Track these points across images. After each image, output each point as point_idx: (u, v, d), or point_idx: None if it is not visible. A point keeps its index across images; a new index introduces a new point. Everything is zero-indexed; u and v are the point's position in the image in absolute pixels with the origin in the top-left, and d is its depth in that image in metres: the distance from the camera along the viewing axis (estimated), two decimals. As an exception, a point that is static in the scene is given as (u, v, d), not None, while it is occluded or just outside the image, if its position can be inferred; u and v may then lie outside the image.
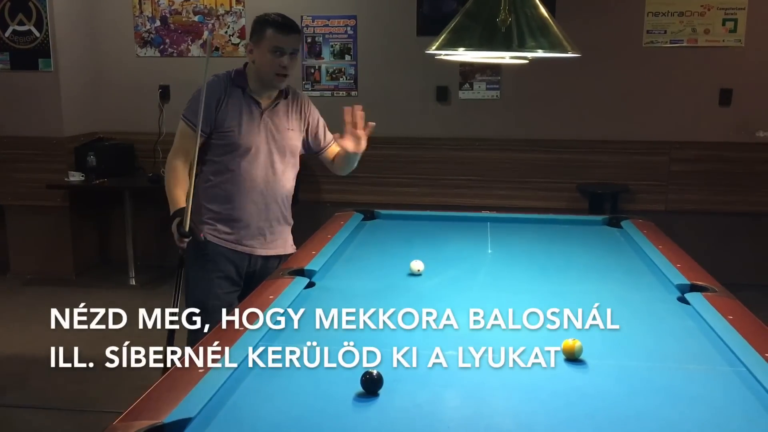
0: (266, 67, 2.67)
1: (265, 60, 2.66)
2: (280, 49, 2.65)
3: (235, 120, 2.69)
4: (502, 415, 1.59)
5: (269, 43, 2.65)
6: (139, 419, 1.42)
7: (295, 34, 2.70)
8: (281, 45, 2.65)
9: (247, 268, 2.81)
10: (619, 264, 2.82)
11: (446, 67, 4.96)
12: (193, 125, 2.66)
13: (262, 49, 2.66)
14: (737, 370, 1.78)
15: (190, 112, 2.69)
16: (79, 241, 5.48)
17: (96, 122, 5.56)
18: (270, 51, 2.65)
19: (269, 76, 2.68)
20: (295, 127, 2.83)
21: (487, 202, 5.02)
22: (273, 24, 2.67)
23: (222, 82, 2.73)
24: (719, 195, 5.18)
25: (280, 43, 2.65)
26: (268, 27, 2.66)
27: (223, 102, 2.69)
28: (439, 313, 2.22)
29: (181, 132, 2.74)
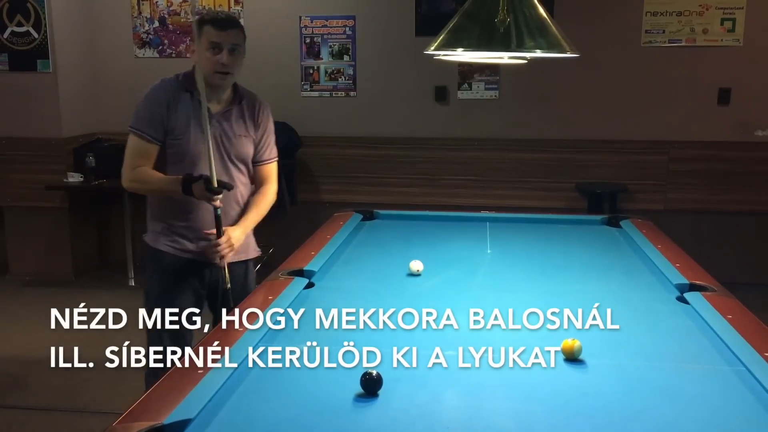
0: (206, 65, 2.51)
1: (204, 57, 2.51)
2: (217, 45, 2.51)
3: (184, 126, 2.54)
4: (501, 415, 1.59)
5: (206, 39, 2.52)
6: (139, 420, 1.42)
7: (234, 29, 2.56)
8: (218, 40, 2.51)
9: (211, 277, 2.66)
10: (618, 263, 2.82)
11: (445, 67, 4.97)
12: (147, 136, 2.52)
13: (201, 47, 2.53)
14: (736, 369, 1.79)
15: (140, 122, 2.53)
16: (78, 242, 5.48)
17: (95, 123, 5.55)
18: (208, 48, 2.51)
19: (209, 73, 2.52)
20: (247, 133, 2.67)
21: (486, 202, 5.02)
22: (209, 20, 2.56)
23: (169, 87, 2.57)
24: (718, 194, 5.18)
25: (216, 38, 2.51)
26: (205, 24, 2.55)
27: (172, 108, 2.54)
28: (439, 313, 2.22)
29: (133, 147, 2.55)
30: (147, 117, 2.53)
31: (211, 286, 2.69)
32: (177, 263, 2.62)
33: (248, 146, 2.68)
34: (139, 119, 2.54)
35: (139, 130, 2.53)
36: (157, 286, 2.63)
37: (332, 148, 5.44)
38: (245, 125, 2.66)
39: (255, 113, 2.69)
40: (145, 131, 2.53)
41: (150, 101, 2.54)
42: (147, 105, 2.54)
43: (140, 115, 2.54)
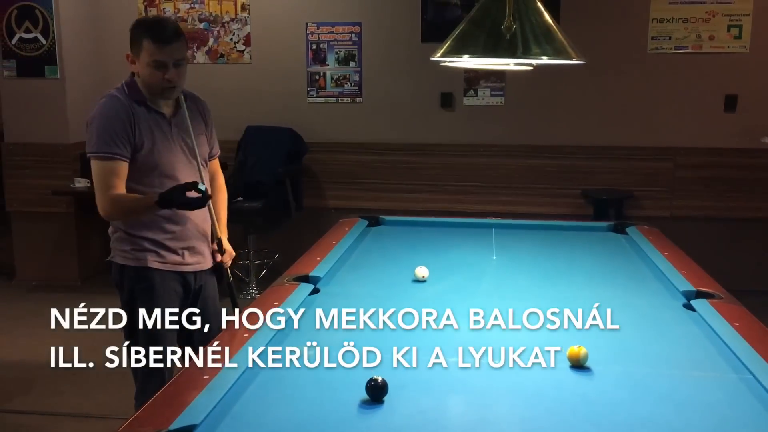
0: (150, 79, 2.37)
1: (146, 73, 2.36)
2: (161, 63, 2.34)
3: (149, 139, 2.40)
4: (507, 422, 1.59)
5: (148, 56, 2.34)
6: (144, 426, 1.42)
7: (176, 43, 2.36)
8: (162, 59, 2.34)
9: (195, 285, 2.58)
10: (624, 270, 2.82)
11: (451, 73, 4.97)
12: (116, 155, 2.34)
13: (141, 62, 2.36)
14: (743, 377, 1.78)
15: (104, 144, 2.33)
16: (85, 247, 5.49)
17: (102, 129, 5.56)
18: (149, 65, 2.34)
19: (157, 89, 2.39)
20: (203, 131, 2.60)
21: (492, 208, 5.02)
22: (149, 33, 2.34)
23: (123, 101, 2.40)
24: (724, 201, 5.16)
25: (159, 56, 2.33)
26: (144, 37, 2.34)
27: (134, 122, 2.38)
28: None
29: (102, 172, 2.35)
30: (110, 137, 2.33)
31: (195, 294, 2.59)
32: (163, 278, 2.47)
33: (206, 144, 2.62)
34: (103, 142, 2.33)
35: (106, 153, 2.34)
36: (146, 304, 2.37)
37: (338, 154, 5.44)
38: (198, 124, 2.57)
39: (202, 110, 2.63)
40: (113, 152, 2.34)
41: (110, 120, 2.35)
42: (108, 124, 2.35)
43: (102, 137, 2.34)
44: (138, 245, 2.45)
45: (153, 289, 2.46)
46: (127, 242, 2.46)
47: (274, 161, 5.16)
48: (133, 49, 2.39)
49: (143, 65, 2.36)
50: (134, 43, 2.39)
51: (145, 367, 2.35)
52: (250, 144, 5.38)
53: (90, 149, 2.37)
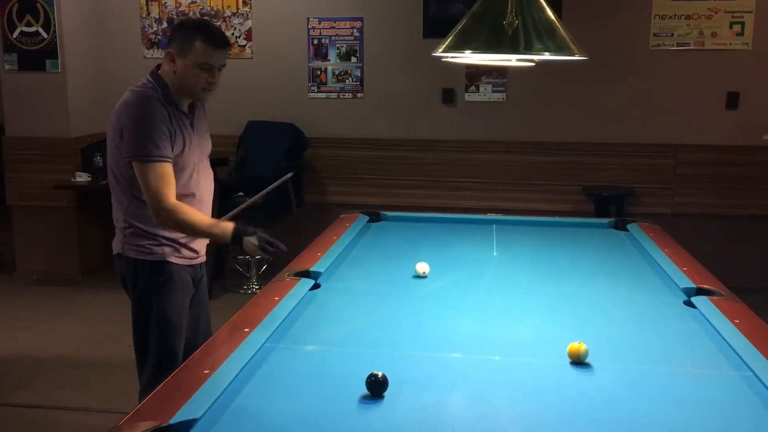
0: (191, 80, 2.36)
1: (190, 73, 2.35)
2: (209, 66, 2.35)
3: (180, 140, 2.39)
4: (507, 418, 1.59)
5: (198, 58, 2.33)
6: (145, 420, 1.42)
7: (226, 48, 2.41)
8: (212, 62, 2.35)
9: (197, 276, 2.61)
10: (625, 267, 2.82)
11: (452, 69, 4.96)
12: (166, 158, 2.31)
13: (187, 62, 2.34)
14: (744, 374, 1.78)
15: (157, 148, 2.29)
16: (86, 241, 5.49)
17: (103, 123, 5.48)
18: (197, 66, 2.34)
19: (195, 90, 2.39)
20: (205, 126, 2.62)
21: (493, 205, 5.02)
22: (204, 36, 2.33)
23: (160, 103, 2.35)
24: (726, 198, 5.16)
25: (210, 60, 2.34)
26: (198, 39, 2.32)
27: (172, 124, 2.36)
28: (445, 316, 2.23)
29: (160, 175, 2.29)
30: (160, 139, 2.29)
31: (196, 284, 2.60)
32: (181, 273, 2.48)
33: (210, 142, 2.66)
34: (154, 145, 2.28)
35: (159, 156, 2.28)
36: (165, 299, 2.45)
37: (339, 150, 5.44)
38: (204, 120, 2.61)
39: (203, 109, 2.61)
40: (164, 155, 2.30)
41: (157, 122, 2.30)
42: (156, 127, 2.30)
43: (153, 140, 2.28)
44: (156, 240, 2.43)
45: (171, 281, 2.45)
46: (143, 238, 2.42)
47: (275, 156, 5.16)
48: (175, 45, 2.35)
49: (189, 65, 2.34)
50: (182, 43, 2.34)
51: (158, 360, 2.43)
52: (251, 139, 5.38)
53: (140, 152, 2.28)
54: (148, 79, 2.41)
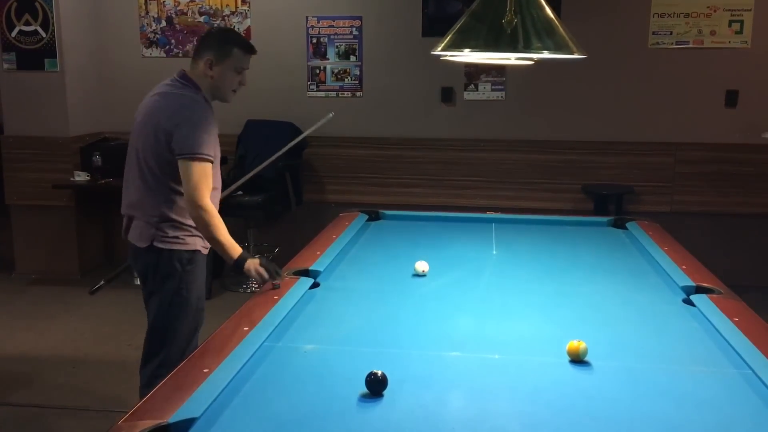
0: (226, 83, 2.63)
1: (226, 77, 2.63)
2: (242, 69, 2.66)
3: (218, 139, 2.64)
4: (506, 417, 1.59)
5: (235, 62, 2.62)
6: (144, 419, 1.42)
7: (254, 53, 2.71)
8: (245, 66, 2.67)
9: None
10: (624, 265, 2.82)
11: (451, 67, 4.96)
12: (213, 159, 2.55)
13: (225, 66, 2.61)
14: (743, 372, 1.78)
15: (208, 148, 2.51)
16: (85, 240, 5.49)
17: (102, 122, 5.57)
18: (234, 70, 2.63)
19: (227, 92, 2.67)
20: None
21: (492, 203, 5.02)
22: (239, 45, 2.66)
23: (209, 106, 2.63)
24: (725, 196, 5.16)
25: (245, 64, 2.67)
26: (234, 47, 2.63)
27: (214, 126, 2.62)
28: (444, 314, 2.23)
29: (205, 173, 2.50)
30: (212, 142, 2.54)
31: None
32: (203, 260, 2.73)
33: None
34: (206, 146, 2.50)
35: (209, 156, 2.51)
36: (193, 284, 2.66)
37: (338, 149, 5.44)
38: None
39: None
40: (211, 156, 2.53)
41: (211, 126, 2.56)
42: (210, 129, 2.54)
43: (207, 141, 2.51)
44: (189, 231, 2.61)
45: (199, 269, 2.69)
46: (178, 229, 2.60)
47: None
48: (214, 53, 2.60)
49: (226, 69, 2.61)
50: (220, 50, 2.61)
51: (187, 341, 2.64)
52: (251, 138, 5.38)
53: (195, 150, 2.48)
54: (184, 83, 2.62)
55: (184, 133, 2.48)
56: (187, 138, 2.48)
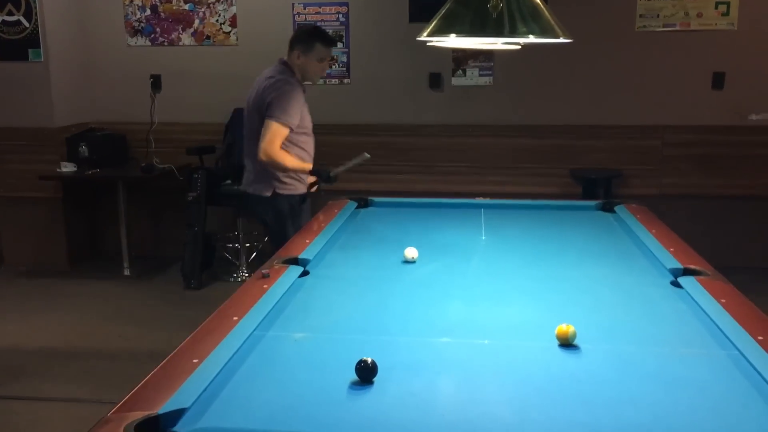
0: (313, 71, 3.53)
1: (312, 66, 3.50)
2: (324, 59, 3.53)
3: (306, 111, 3.50)
4: (496, 402, 1.60)
5: (318, 54, 3.47)
6: (134, 410, 1.42)
7: (335, 46, 3.65)
8: (326, 56, 3.54)
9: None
10: (612, 249, 2.83)
11: (439, 53, 4.94)
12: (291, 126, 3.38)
13: (310, 57, 3.47)
14: (730, 353, 1.79)
15: (288, 117, 3.36)
16: (73, 232, 5.46)
17: (87, 112, 5.53)
18: (318, 60, 3.49)
19: (313, 76, 3.57)
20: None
21: (481, 189, 5.01)
22: (321, 39, 3.49)
23: (298, 84, 3.48)
24: (712, 178, 5.19)
25: (326, 55, 3.54)
26: (317, 41, 3.47)
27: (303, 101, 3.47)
28: (434, 300, 2.24)
29: (279, 133, 3.36)
30: (294, 112, 3.38)
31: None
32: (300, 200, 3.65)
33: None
34: (288, 115, 3.36)
35: (287, 122, 3.36)
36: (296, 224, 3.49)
37: (326, 136, 5.36)
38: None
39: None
40: (291, 123, 3.37)
41: (296, 100, 3.40)
42: (294, 103, 3.38)
43: (288, 111, 3.37)
44: (296, 177, 3.54)
45: (299, 208, 3.61)
46: (292, 179, 3.53)
47: (262, 143, 5.13)
48: (301, 47, 3.48)
49: (311, 60, 3.49)
50: (304, 43, 3.48)
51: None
52: (239, 126, 5.30)
53: (278, 115, 3.35)
54: (283, 68, 3.51)
55: (272, 102, 3.35)
56: (271, 105, 3.35)
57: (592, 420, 1.49)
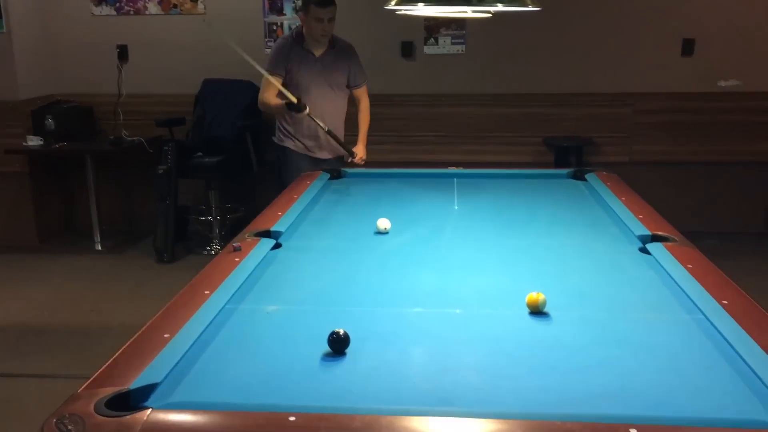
0: (312, 31, 3.86)
1: (310, 26, 3.84)
2: (320, 19, 3.79)
3: (295, 66, 3.88)
4: (467, 369, 1.61)
5: (314, 15, 3.79)
6: (104, 386, 1.41)
7: (331, 7, 3.81)
8: (321, 16, 3.79)
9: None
10: (583, 217, 2.86)
11: (411, 22, 4.90)
12: (275, 72, 3.85)
13: (307, 18, 3.83)
14: (695, 317, 1.83)
15: (270, 65, 3.89)
16: (42, 207, 5.38)
17: (53, 84, 5.41)
18: (315, 20, 3.80)
19: (314, 35, 3.87)
20: (339, 67, 4.01)
21: (454, 158, 5.02)
22: (314, 2, 3.80)
23: (287, 41, 3.96)
24: (682, 145, 5.24)
25: (319, 15, 3.79)
26: (311, 2, 3.79)
27: (291, 54, 3.86)
28: (406, 271, 2.25)
29: (265, 79, 3.86)
30: (274, 60, 3.91)
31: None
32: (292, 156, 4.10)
33: (342, 77, 4.04)
34: (270, 63, 3.92)
35: (268, 70, 3.85)
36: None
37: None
38: (338, 62, 4.00)
39: (344, 54, 4.03)
40: (273, 70, 3.85)
41: (276, 50, 3.95)
42: (274, 53, 3.95)
43: (270, 60, 3.94)
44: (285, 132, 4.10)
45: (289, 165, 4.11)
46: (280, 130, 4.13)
47: (233, 115, 5.07)
48: (303, 9, 3.88)
49: (309, 21, 3.83)
50: (303, 6, 3.88)
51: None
52: (209, 98, 5.27)
53: (264, 67, 3.87)
54: (295, 29, 4.05)
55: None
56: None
57: (561, 386, 1.52)
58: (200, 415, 1.37)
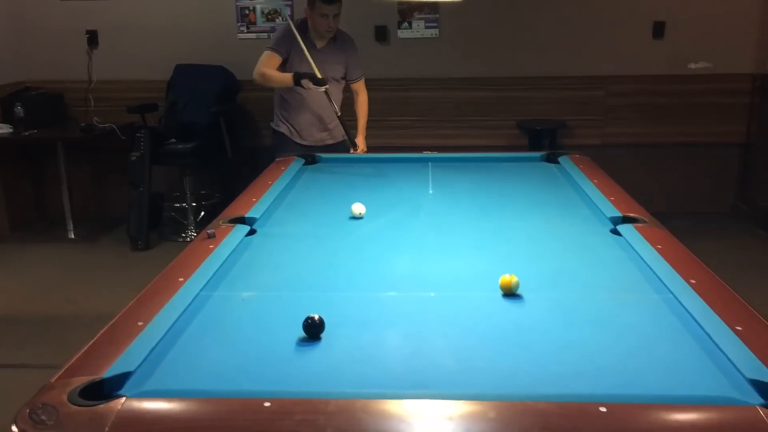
0: (317, 26, 3.83)
1: (315, 22, 3.81)
2: (325, 15, 3.77)
3: (294, 54, 3.83)
4: (441, 351, 1.63)
5: (319, 11, 3.76)
6: (78, 375, 1.41)
7: (337, 3, 3.77)
8: (326, 12, 3.77)
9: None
10: (555, 199, 2.88)
11: (384, 5, 4.89)
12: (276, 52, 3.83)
13: (313, 14, 3.79)
14: (664, 297, 1.86)
15: (274, 43, 3.87)
16: (13, 195, 5.30)
17: (21, 71, 5.31)
18: (319, 16, 3.78)
19: (320, 30, 3.84)
20: (339, 60, 3.96)
21: (429, 142, 5.03)
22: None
23: (293, 28, 3.81)
24: (653, 127, 5.30)
25: (324, 11, 3.76)
26: (317, 0, 3.76)
27: (294, 41, 3.77)
28: (381, 255, 2.26)
29: (267, 56, 3.84)
30: (278, 42, 3.85)
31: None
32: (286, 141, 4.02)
33: (340, 69, 3.99)
34: (275, 42, 3.88)
35: (271, 48, 3.84)
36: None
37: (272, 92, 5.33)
38: (337, 55, 3.95)
39: (344, 47, 3.98)
40: (276, 48, 3.83)
41: (283, 34, 3.88)
42: (280, 35, 3.90)
43: (277, 40, 3.89)
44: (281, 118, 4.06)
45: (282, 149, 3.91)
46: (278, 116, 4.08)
47: (206, 101, 5.03)
48: (309, 4, 3.82)
49: (314, 16, 3.80)
50: (310, 3, 3.81)
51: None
52: (181, 84, 5.22)
53: (268, 45, 3.89)
54: (301, 19, 3.93)
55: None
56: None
57: (534, 367, 1.54)
58: (175, 402, 1.37)
